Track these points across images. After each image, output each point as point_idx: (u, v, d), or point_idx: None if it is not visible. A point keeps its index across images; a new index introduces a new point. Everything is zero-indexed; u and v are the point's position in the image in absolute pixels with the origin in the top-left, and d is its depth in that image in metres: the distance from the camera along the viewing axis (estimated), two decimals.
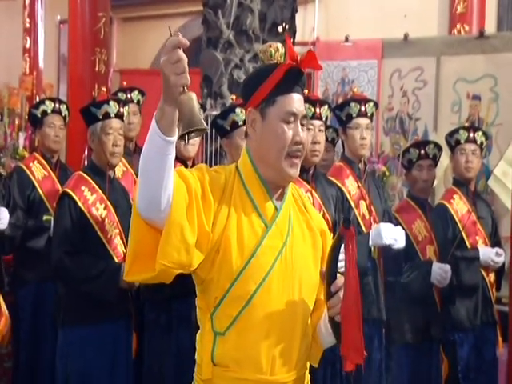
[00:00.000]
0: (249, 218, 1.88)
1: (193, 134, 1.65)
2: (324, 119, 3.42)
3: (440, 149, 4.02)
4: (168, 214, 1.71)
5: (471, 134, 4.01)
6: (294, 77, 1.89)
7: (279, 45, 1.96)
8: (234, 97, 3.82)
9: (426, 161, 3.93)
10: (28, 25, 7.90)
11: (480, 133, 4.06)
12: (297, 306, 1.91)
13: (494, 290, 4.05)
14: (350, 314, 1.76)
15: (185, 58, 1.63)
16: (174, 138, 1.68)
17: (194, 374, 1.96)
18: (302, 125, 1.90)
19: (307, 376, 2.00)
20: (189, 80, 1.64)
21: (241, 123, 3.19)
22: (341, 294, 1.79)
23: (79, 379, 3.30)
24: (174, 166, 1.74)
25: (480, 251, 3.92)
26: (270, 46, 1.95)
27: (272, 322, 1.87)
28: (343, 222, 1.78)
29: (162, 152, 1.67)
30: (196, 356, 1.95)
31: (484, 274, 3.97)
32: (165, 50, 1.64)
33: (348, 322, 1.76)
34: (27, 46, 7.91)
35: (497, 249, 3.96)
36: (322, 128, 3.39)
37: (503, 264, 4.01)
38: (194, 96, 1.64)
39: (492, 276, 4.03)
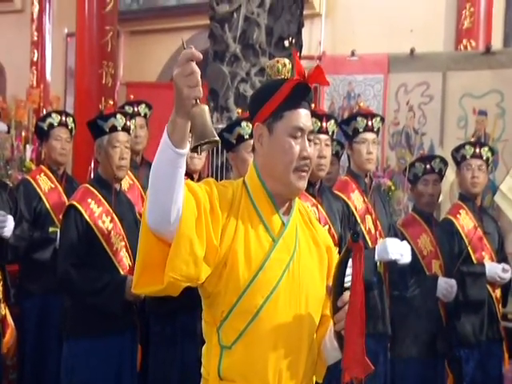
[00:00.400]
0: (256, 232, 1.89)
1: (205, 147, 1.65)
2: (330, 133, 3.42)
3: (446, 163, 4.02)
4: (177, 228, 1.71)
5: (477, 150, 4.01)
6: (302, 92, 1.89)
7: (286, 60, 1.97)
8: (240, 110, 3.84)
9: (431, 175, 3.94)
10: (36, 38, 7.95)
11: (486, 148, 4.06)
12: (303, 319, 1.91)
13: (500, 306, 4.04)
14: (353, 327, 1.76)
15: (198, 71, 1.63)
16: (186, 151, 1.68)
17: None
18: (309, 140, 1.91)
19: None
20: (201, 93, 1.64)
21: (246, 137, 3.20)
22: (347, 307, 1.79)
23: None
24: None
25: (486, 267, 3.92)
26: (278, 62, 1.95)
27: (279, 336, 1.87)
28: (351, 236, 1.78)
29: (174, 165, 1.67)
30: (202, 370, 1.95)
31: (490, 289, 3.96)
32: (178, 62, 1.65)
33: (351, 334, 1.76)
34: (35, 58, 7.95)
35: (503, 264, 3.95)
36: (329, 142, 3.39)
37: (510, 280, 3.99)
38: (206, 108, 1.65)
39: (498, 292, 4.02)
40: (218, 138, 1.64)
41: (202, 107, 1.64)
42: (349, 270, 1.79)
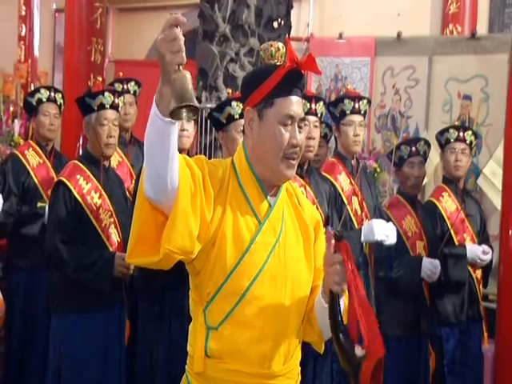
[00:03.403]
0: (243, 214, 1.89)
1: (185, 115, 1.62)
2: (319, 115, 3.44)
3: (429, 146, 4.05)
4: (175, 201, 1.72)
5: (461, 134, 4.05)
6: (294, 79, 1.88)
7: (280, 44, 1.96)
8: (230, 90, 3.85)
9: (416, 158, 3.96)
10: (24, 12, 7.87)
11: (469, 132, 4.10)
12: (289, 301, 1.93)
13: (480, 286, 4.11)
14: (365, 314, 1.79)
15: (181, 37, 1.62)
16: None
17: (186, 366, 1.98)
18: (300, 127, 1.90)
19: (298, 369, 2.02)
20: (184, 59, 1.62)
21: (237, 116, 3.20)
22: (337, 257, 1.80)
23: (72, 365, 3.32)
24: None
25: (467, 248, 3.98)
26: (271, 46, 1.94)
27: (265, 317, 1.89)
28: (335, 236, 1.78)
29: (164, 133, 1.68)
30: (188, 348, 1.97)
31: (471, 270, 4.02)
32: (162, 29, 1.63)
33: (366, 319, 1.79)
34: (22, 33, 7.88)
35: (483, 246, 4.00)
36: (317, 124, 3.41)
37: (490, 261, 4.06)
38: (187, 74, 1.62)
39: (479, 273, 4.09)
40: (197, 104, 1.61)
41: (183, 73, 1.61)
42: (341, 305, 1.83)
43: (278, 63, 1.92)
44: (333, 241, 1.79)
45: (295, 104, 1.88)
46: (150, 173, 1.72)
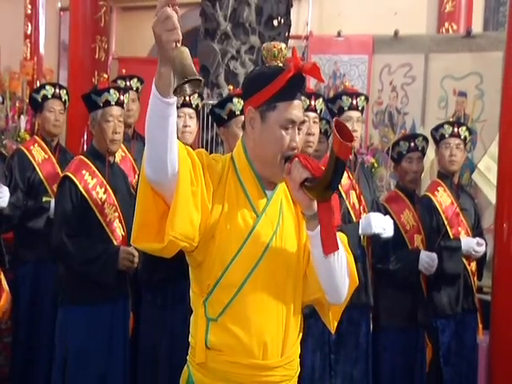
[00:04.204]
0: (241, 208, 1.93)
1: (188, 90, 1.62)
2: (318, 111, 3.49)
3: (427, 142, 4.08)
4: (175, 188, 1.76)
5: (455, 129, 4.08)
6: (297, 84, 1.91)
7: (283, 45, 1.98)
8: (231, 87, 3.89)
9: (415, 153, 3.99)
10: (29, 11, 7.94)
11: (464, 128, 4.14)
12: (287, 292, 1.96)
13: (475, 278, 4.15)
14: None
15: (174, 15, 1.64)
16: (174, 100, 1.70)
17: (187, 357, 2.01)
18: (299, 129, 1.93)
19: (298, 360, 2.05)
20: (180, 35, 1.64)
21: (238, 113, 3.24)
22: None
23: (77, 355, 3.37)
24: None
25: (462, 241, 4.01)
26: (274, 47, 1.97)
27: (263, 309, 1.92)
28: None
29: (163, 115, 1.70)
30: (190, 339, 2.00)
31: (466, 263, 4.06)
32: (156, 11, 1.65)
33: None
34: (28, 31, 7.95)
35: (478, 239, 4.04)
36: (317, 120, 3.47)
37: (485, 254, 4.11)
38: (185, 50, 1.62)
39: (473, 265, 4.13)
40: (199, 77, 1.60)
41: (181, 49, 1.61)
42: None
43: (280, 64, 1.95)
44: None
45: (297, 108, 1.91)
46: (151, 154, 1.75)
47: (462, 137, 4.11)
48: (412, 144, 4.01)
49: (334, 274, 1.93)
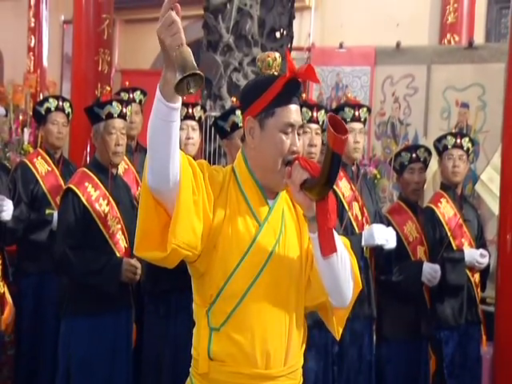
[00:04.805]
0: (243, 217, 1.94)
1: (190, 87, 1.62)
2: (321, 123, 3.49)
3: (430, 153, 4.09)
4: (177, 197, 1.76)
5: (458, 140, 4.08)
6: (292, 88, 1.93)
7: (277, 54, 2.01)
8: (234, 99, 3.88)
9: (417, 164, 4.00)
10: (33, 24, 8.00)
11: (467, 139, 4.14)
12: (290, 300, 1.96)
13: (478, 290, 4.14)
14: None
15: (178, 20, 1.65)
16: (178, 105, 1.71)
17: (190, 369, 2.01)
18: (298, 134, 1.95)
19: (301, 370, 2.05)
20: (183, 39, 1.64)
21: (241, 125, 3.20)
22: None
23: (80, 367, 3.37)
24: None
25: (465, 253, 4.00)
26: (268, 56, 2.00)
27: (266, 318, 1.92)
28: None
29: (167, 119, 1.70)
30: (192, 351, 2.00)
31: (469, 274, 4.05)
32: (160, 17, 1.66)
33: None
34: (32, 44, 8.01)
35: (481, 250, 4.03)
36: (319, 131, 3.47)
37: (488, 265, 4.10)
38: (187, 48, 1.63)
39: (477, 277, 4.12)
40: (199, 72, 1.60)
41: (183, 48, 1.63)
42: None
43: (276, 73, 1.98)
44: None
45: (294, 112, 1.93)
46: (153, 162, 1.75)
47: (465, 148, 4.11)
48: (414, 155, 4.02)
49: (338, 276, 1.93)
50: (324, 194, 1.84)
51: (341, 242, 1.95)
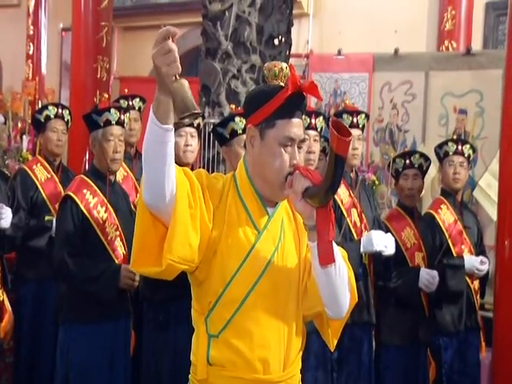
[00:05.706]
0: (243, 225, 1.94)
1: (187, 120, 1.70)
2: (319, 129, 3.50)
3: (426, 159, 4.08)
4: (173, 210, 1.77)
5: (459, 147, 4.09)
6: (296, 102, 1.91)
7: (284, 65, 1.98)
8: (232, 106, 3.89)
9: (411, 170, 4.00)
10: (31, 32, 8.03)
11: (468, 146, 4.14)
12: (288, 307, 1.97)
13: (478, 296, 4.14)
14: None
15: (175, 48, 1.66)
16: (171, 126, 1.72)
17: (189, 375, 2.02)
18: (299, 148, 1.94)
19: (299, 375, 2.05)
20: (179, 68, 1.67)
21: (240, 131, 3.25)
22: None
23: (79, 374, 3.36)
24: None
25: (465, 259, 4.00)
26: (275, 66, 1.97)
27: (264, 324, 1.93)
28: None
29: (161, 140, 1.72)
30: (191, 357, 2.01)
31: (469, 281, 4.05)
32: (155, 41, 1.68)
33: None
34: (30, 52, 8.03)
35: (481, 257, 4.03)
36: (317, 138, 3.47)
37: (487, 272, 4.10)
38: (185, 83, 1.67)
39: (476, 283, 4.12)
40: (199, 110, 1.67)
41: (181, 82, 1.66)
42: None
43: (282, 83, 1.95)
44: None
45: (296, 126, 1.92)
46: (149, 179, 1.77)
47: (466, 155, 4.12)
48: (408, 161, 4.03)
49: (335, 286, 1.93)
50: (327, 200, 1.84)
51: (339, 253, 1.95)
